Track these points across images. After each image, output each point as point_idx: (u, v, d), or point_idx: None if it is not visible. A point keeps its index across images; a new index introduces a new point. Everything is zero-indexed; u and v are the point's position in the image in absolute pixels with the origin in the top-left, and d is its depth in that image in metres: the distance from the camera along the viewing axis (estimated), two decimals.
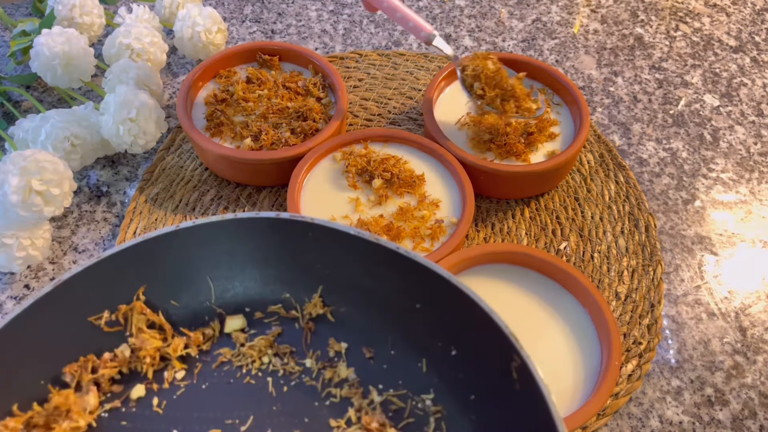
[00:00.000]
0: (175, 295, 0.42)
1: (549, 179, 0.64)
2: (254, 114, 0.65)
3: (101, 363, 0.40)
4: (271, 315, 0.43)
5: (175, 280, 0.41)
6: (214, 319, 0.42)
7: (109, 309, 0.40)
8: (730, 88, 0.78)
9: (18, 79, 0.72)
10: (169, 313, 0.42)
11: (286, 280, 0.42)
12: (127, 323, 0.41)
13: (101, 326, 0.40)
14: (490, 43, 0.82)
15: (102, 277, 0.39)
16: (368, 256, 0.39)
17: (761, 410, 0.52)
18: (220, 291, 0.42)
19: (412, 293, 0.39)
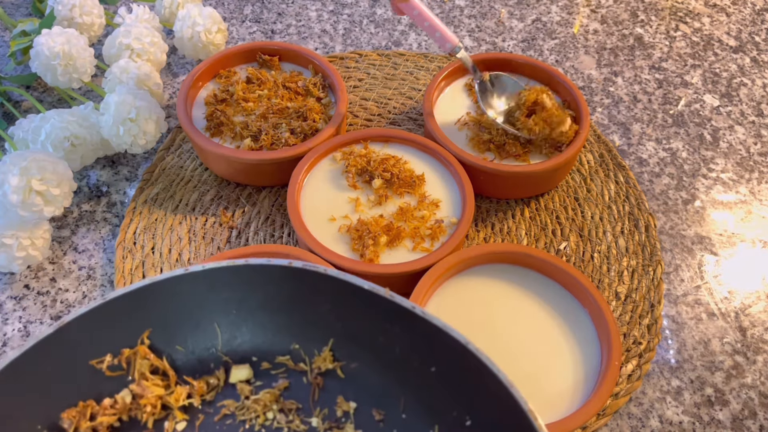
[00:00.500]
0: (181, 340, 0.40)
1: (549, 179, 0.64)
2: (254, 114, 0.65)
3: (101, 409, 0.38)
4: (279, 366, 0.41)
5: (181, 324, 0.40)
6: (219, 367, 0.41)
7: (111, 353, 0.39)
8: (730, 88, 0.78)
9: (18, 79, 0.72)
10: (174, 359, 0.40)
11: (296, 330, 0.40)
12: (130, 368, 0.39)
13: (103, 370, 0.39)
14: (490, 43, 0.82)
15: (106, 320, 0.38)
16: (382, 312, 0.37)
17: (761, 410, 0.52)
18: (227, 338, 0.41)
19: (427, 355, 0.37)
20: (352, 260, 0.54)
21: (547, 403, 0.47)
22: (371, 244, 0.54)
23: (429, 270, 0.52)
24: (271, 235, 0.62)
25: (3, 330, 0.55)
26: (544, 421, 0.46)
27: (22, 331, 0.55)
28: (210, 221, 0.62)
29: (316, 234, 0.55)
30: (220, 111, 0.64)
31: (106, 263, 0.60)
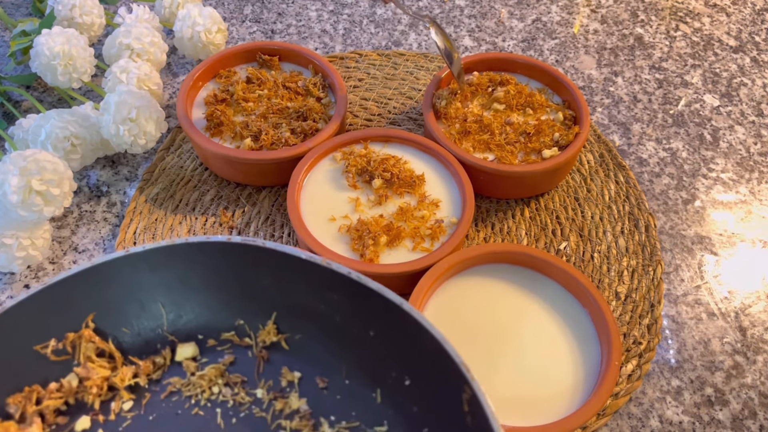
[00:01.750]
0: (126, 322, 0.40)
1: (549, 179, 0.64)
2: (254, 114, 0.65)
3: (46, 393, 0.38)
4: (225, 342, 0.41)
5: (125, 306, 0.40)
6: (165, 347, 0.41)
7: (56, 337, 0.39)
8: (730, 88, 0.78)
9: (18, 79, 0.72)
10: (120, 341, 0.40)
11: (239, 306, 0.41)
12: (75, 351, 0.39)
13: (48, 355, 0.39)
14: (490, 43, 0.82)
15: (49, 305, 0.38)
16: (320, 281, 0.38)
17: (761, 410, 0.52)
18: (172, 318, 0.41)
19: (365, 320, 0.38)
20: (352, 260, 0.54)
21: (547, 403, 0.48)
22: (371, 244, 0.54)
23: (429, 270, 0.52)
24: (271, 235, 0.62)
25: None
26: (545, 421, 0.46)
27: None
28: (210, 221, 0.63)
29: (316, 234, 0.55)
30: (220, 111, 0.64)
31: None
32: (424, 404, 0.37)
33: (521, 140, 0.63)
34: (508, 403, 0.47)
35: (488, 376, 0.49)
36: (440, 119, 0.65)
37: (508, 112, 0.65)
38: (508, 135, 0.63)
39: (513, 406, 0.47)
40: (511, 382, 0.48)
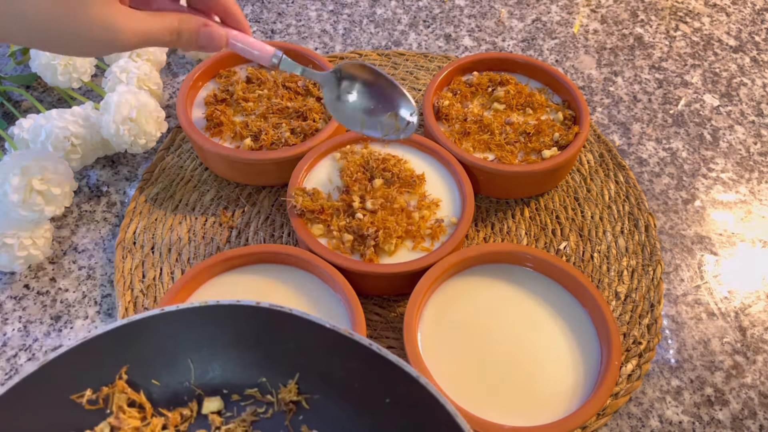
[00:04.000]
0: (156, 375, 0.42)
1: (549, 179, 0.64)
2: (254, 114, 0.65)
3: None
4: (248, 398, 0.43)
5: (157, 360, 0.42)
6: (192, 400, 0.43)
7: (91, 387, 0.41)
8: (730, 88, 0.78)
9: (18, 79, 0.72)
10: (150, 392, 0.42)
11: (263, 365, 0.43)
12: (108, 401, 0.41)
13: (83, 404, 0.40)
14: (490, 43, 0.82)
15: (86, 357, 0.40)
16: (342, 349, 0.40)
17: (761, 410, 0.52)
18: (199, 372, 0.43)
19: (382, 389, 0.40)
20: (352, 260, 0.54)
21: (546, 403, 0.48)
22: (371, 244, 0.54)
23: (429, 270, 0.52)
24: (271, 235, 0.62)
25: (3, 330, 0.55)
26: (544, 420, 0.46)
27: (22, 331, 0.55)
28: (210, 221, 0.63)
29: (316, 234, 0.55)
30: (220, 111, 0.64)
31: (106, 263, 0.60)
32: None
33: (521, 140, 0.63)
34: (508, 403, 0.47)
35: (488, 376, 0.49)
36: (440, 119, 0.65)
37: (508, 112, 0.65)
38: (508, 135, 0.63)
39: (513, 406, 0.47)
40: (510, 382, 0.48)
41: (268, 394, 0.43)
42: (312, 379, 0.42)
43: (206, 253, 0.60)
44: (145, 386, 0.42)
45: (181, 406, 0.43)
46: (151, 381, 0.42)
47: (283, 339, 0.42)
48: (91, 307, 0.57)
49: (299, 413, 0.43)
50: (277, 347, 0.42)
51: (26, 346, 0.54)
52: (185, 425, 0.42)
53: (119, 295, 0.57)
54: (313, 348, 0.42)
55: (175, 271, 0.59)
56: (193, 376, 0.43)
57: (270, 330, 0.42)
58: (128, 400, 0.42)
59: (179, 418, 0.42)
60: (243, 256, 0.54)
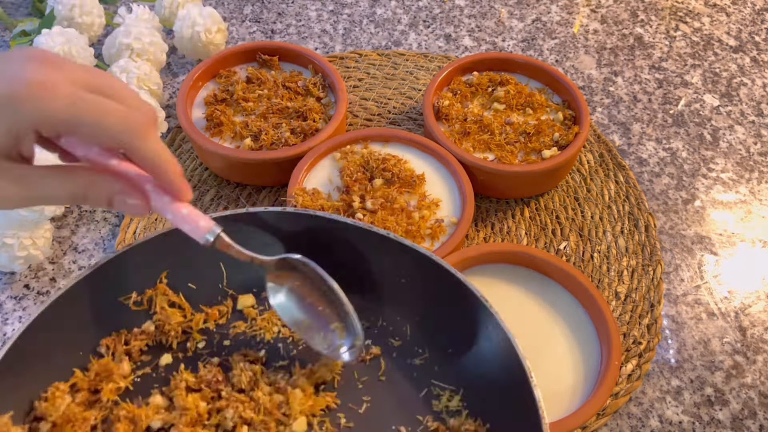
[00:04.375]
0: (193, 279, 0.48)
1: (549, 179, 0.64)
2: (254, 114, 0.65)
3: (132, 336, 0.45)
4: None
5: (192, 265, 0.47)
6: (226, 299, 0.48)
7: (136, 291, 0.46)
8: (730, 88, 0.78)
9: None
10: (188, 295, 0.47)
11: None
12: (152, 303, 0.47)
13: (129, 305, 0.46)
14: (490, 43, 0.82)
15: (131, 263, 0.45)
16: (359, 239, 0.46)
17: (761, 410, 0.52)
18: (231, 274, 0.48)
19: (397, 269, 0.47)
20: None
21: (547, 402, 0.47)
22: None
23: None
24: None
25: (3, 330, 0.55)
26: None
27: None
28: None
29: None
30: (220, 111, 0.64)
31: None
32: (449, 334, 0.46)
33: (521, 140, 0.63)
34: None
35: None
36: (440, 119, 0.65)
37: (508, 112, 0.65)
38: (508, 135, 0.63)
39: None
40: None
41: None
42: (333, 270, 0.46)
43: None
44: (183, 289, 0.48)
45: (217, 305, 0.48)
46: (188, 284, 0.48)
47: (307, 238, 0.47)
48: None
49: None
50: (300, 244, 0.47)
51: None
52: (224, 319, 0.48)
53: None
54: (332, 242, 0.47)
55: None
56: (225, 278, 0.48)
57: (294, 231, 0.47)
58: (169, 301, 0.47)
59: (218, 314, 0.48)
60: None
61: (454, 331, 0.45)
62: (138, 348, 0.45)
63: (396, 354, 0.46)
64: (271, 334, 0.47)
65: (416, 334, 0.47)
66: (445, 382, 0.45)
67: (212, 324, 0.47)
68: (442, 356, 0.46)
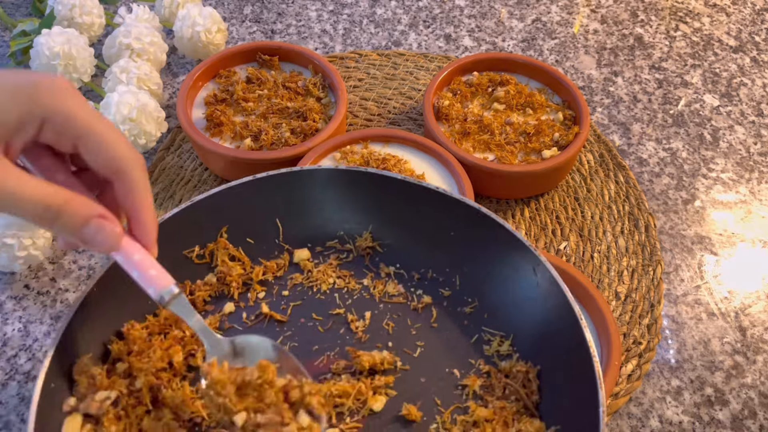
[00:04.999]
0: (251, 234, 0.51)
1: (549, 179, 0.64)
2: (254, 114, 0.65)
3: (196, 287, 0.48)
4: (329, 249, 0.52)
5: (250, 221, 0.50)
6: (283, 253, 0.51)
7: (198, 245, 0.49)
8: (730, 88, 0.78)
9: None
10: (246, 249, 0.50)
11: (340, 220, 0.52)
12: (213, 257, 0.50)
13: (192, 258, 0.49)
14: (490, 43, 0.82)
15: (193, 218, 0.48)
16: (411, 195, 0.49)
17: (761, 410, 0.52)
18: (286, 230, 0.51)
19: (446, 223, 0.49)
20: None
21: None
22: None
23: None
24: None
25: (3, 330, 0.55)
26: None
27: (22, 331, 0.55)
28: None
29: None
30: (220, 111, 0.64)
31: (106, 263, 0.60)
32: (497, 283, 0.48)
33: (521, 140, 0.63)
34: None
35: None
36: (440, 119, 0.65)
37: (508, 112, 0.65)
38: (508, 135, 0.63)
39: None
40: None
41: (347, 243, 0.52)
42: (384, 227, 0.51)
43: None
44: (242, 244, 0.50)
45: (274, 258, 0.51)
46: (246, 240, 0.50)
47: (359, 195, 0.50)
48: None
49: (375, 255, 0.52)
50: (353, 202, 0.51)
51: (26, 346, 0.54)
52: (281, 272, 0.51)
53: None
54: (385, 199, 0.50)
55: None
56: (281, 234, 0.51)
57: (347, 188, 0.50)
58: (229, 255, 0.50)
59: (275, 266, 0.51)
60: None
61: (502, 280, 0.47)
62: (202, 298, 0.48)
63: (446, 303, 0.49)
64: (327, 285, 0.50)
65: (465, 284, 0.49)
66: (495, 329, 0.47)
67: (271, 276, 0.50)
68: (491, 304, 0.48)
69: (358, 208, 0.51)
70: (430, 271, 0.50)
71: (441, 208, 0.49)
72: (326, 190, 0.51)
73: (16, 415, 0.50)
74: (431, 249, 0.50)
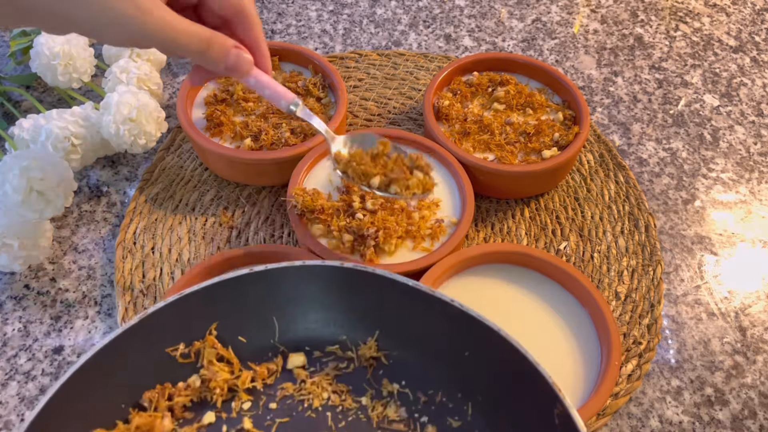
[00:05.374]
0: (243, 332, 0.45)
1: (549, 179, 0.64)
2: (254, 114, 0.65)
3: (176, 391, 0.43)
4: (329, 355, 0.46)
5: (244, 318, 0.45)
6: (277, 356, 0.45)
7: (184, 342, 0.44)
8: (730, 88, 0.78)
9: (18, 79, 0.72)
10: (237, 348, 0.45)
11: (344, 323, 0.46)
12: (199, 356, 0.44)
13: (176, 357, 0.43)
14: (490, 43, 0.82)
15: (180, 313, 0.43)
16: (424, 306, 0.43)
17: (761, 410, 0.52)
18: (283, 330, 0.46)
19: (461, 342, 0.43)
20: (352, 260, 0.54)
21: None
22: (371, 244, 0.54)
23: (429, 270, 0.52)
24: (271, 235, 0.62)
25: (3, 330, 0.55)
26: None
27: (22, 331, 0.55)
28: (210, 221, 0.63)
29: (317, 234, 0.55)
30: (220, 111, 0.64)
31: (106, 263, 0.60)
32: (515, 418, 0.41)
33: (521, 140, 0.63)
34: None
35: None
36: (440, 119, 0.65)
37: (508, 112, 0.65)
38: (508, 135, 0.63)
39: None
40: None
41: (348, 350, 0.46)
42: (391, 336, 0.45)
43: (206, 253, 0.60)
44: (233, 342, 0.45)
45: (266, 362, 0.45)
46: (238, 338, 0.45)
47: (365, 298, 0.44)
48: (91, 307, 0.57)
49: (379, 368, 0.45)
50: (358, 306, 0.45)
51: (26, 346, 0.54)
52: (272, 379, 0.45)
53: (119, 295, 0.57)
54: (393, 306, 0.44)
55: (175, 271, 0.59)
56: (277, 334, 0.46)
57: (352, 289, 0.44)
58: (217, 355, 0.44)
59: (266, 372, 0.45)
60: (243, 256, 0.54)
61: (519, 415, 0.41)
62: (181, 404, 0.43)
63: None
64: (320, 400, 0.44)
65: (478, 415, 0.42)
66: None
67: (260, 383, 0.45)
68: None
69: (364, 311, 0.45)
70: (440, 394, 0.44)
71: (455, 323, 0.42)
72: (330, 289, 0.45)
73: (16, 416, 0.50)
74: (443, 368, 0.44)
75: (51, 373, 0.53)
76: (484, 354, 0.42)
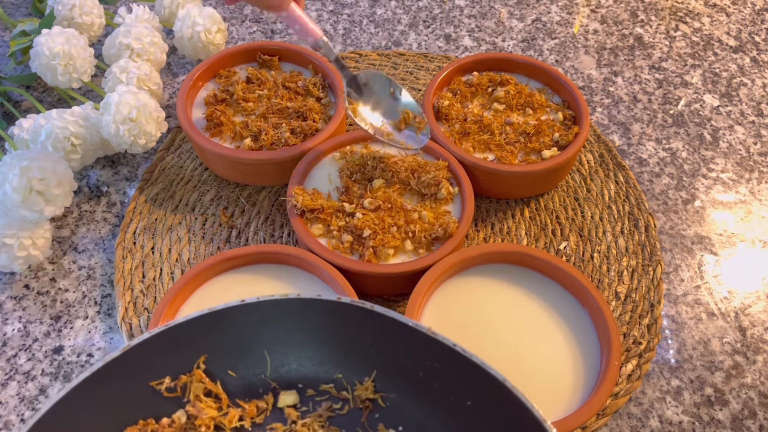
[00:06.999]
0: (233, 366, 0.43)
1: (549, 179, 0.64)
2: (254, 114, 0.65)
3: (160, 428, 0.40)
4: (323, 393, 0.43)
5: (234, 351, 0.42)
6: (267, 392, 0.43)
7: (170, 375, 0.41)
8: (730, 88, 0.78)
9: (18, 79, 0.72)
10: (226, 383, 0.43)
11: (340, 361, 0.43)
12: (186, 390, 0.42)
13: (162, 391, 0.41)
14: (490, 43, 0.82)
15: (167, 345, 0.41)
16: (424, 348, 0.40)
17: (761, 410, 0.52)
18: (275, 365, 0.43)
19: (464, 390, 0.40)
20: (352, 260, 0.54)
21: (546, 402, 0.47)
22: (371, 244, 0.54)
23: (429, 270, 0.52)
24: (270, 235, 0.62)
25: (3, 330, 0.55)
26: None
27: (22, 331, 0.55)
28: (210, 221, 0.63)
29: (316, 234, 0.55)
30: (220, 111, 0.64)
31: (105, 263, 0.60)
32: None
33: (521, 140, 0.63)
34: None
35: None
36: (440, 119, 0.65)
37: (508, 112, 0.65)
38: (508, 135, 0.63)
39: None
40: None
41: (343, 390, 0.43)
42: (390, 377, 0.42)
43: (206, 253, 0.60)
44: (222, 377, 0.42)
45: (256, 399, 0.43)
46: (227, 372, 0.43)
47: (362, 335, 0.42)
48: (91, 307, 0.57)
49: (375, 411, 0.42)
50: (356, 343, 0.42)
51: (26, 346, 0.54)
52: (261, 417, 0.42)
53: (119, 295, 0.57)
54: (392, 346, 0.41)
55: (175, 271, 0.59)
56: (269, 369, 0.43)
57: (349, 326, 0.42)
58: (205, 389, 0.42)
59: (255, 411, 0.42)
60: (243, 256, 0.54)
61: None
62: None
63: None
64: None
65: None
66: None
67: (248, 422, 0.42)
68: None
69: (361, 349, 0.42)
70: None
71: (458, 369, 0.39)
72: (326, 324, 0.42)
73: (16, 415, 0.50)
74: (443, 416, 0.41)
75: (51, 373, 0.53)
76: (487, 405, 0.39)
